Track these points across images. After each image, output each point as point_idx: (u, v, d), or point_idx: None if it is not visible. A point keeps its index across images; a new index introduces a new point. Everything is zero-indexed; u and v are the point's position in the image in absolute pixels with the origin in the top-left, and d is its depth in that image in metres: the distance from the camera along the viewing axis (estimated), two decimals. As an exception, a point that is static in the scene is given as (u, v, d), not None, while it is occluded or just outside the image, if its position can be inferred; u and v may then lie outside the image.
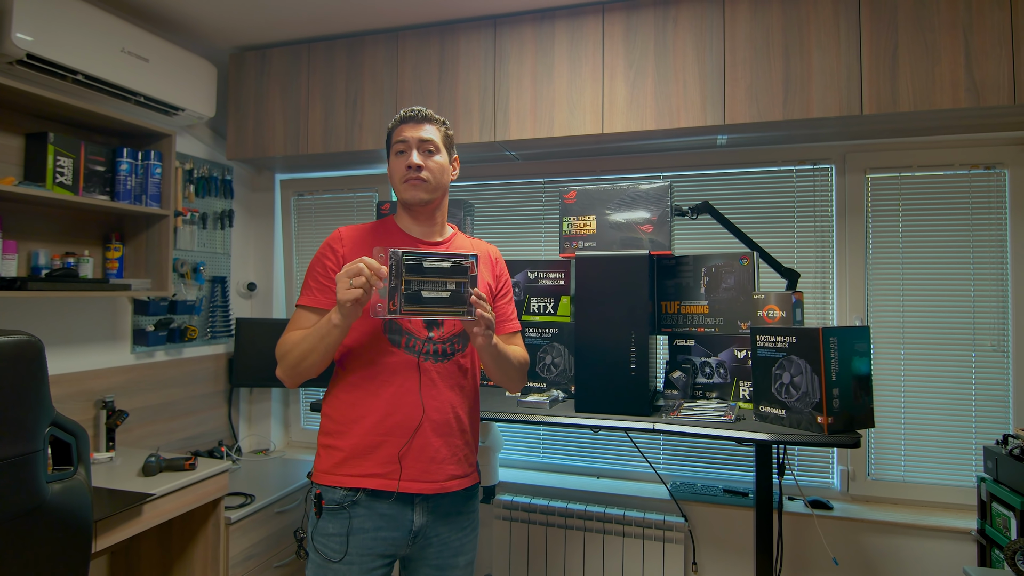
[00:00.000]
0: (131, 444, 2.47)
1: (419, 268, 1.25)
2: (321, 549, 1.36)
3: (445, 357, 1.41)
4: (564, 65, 2.38)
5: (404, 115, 1.47)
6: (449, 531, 1.43)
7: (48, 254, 2.17)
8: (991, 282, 2.33)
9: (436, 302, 1.26)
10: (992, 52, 1.95)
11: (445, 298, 1.26)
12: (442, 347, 1.41)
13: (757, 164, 2.57)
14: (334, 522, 1.35)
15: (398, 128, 1.46)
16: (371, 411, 1.37)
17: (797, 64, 2.13)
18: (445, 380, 1.41)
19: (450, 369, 1.42)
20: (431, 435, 1.38)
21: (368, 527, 1.35)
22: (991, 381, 2.32)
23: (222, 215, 2.98)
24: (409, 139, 1.44)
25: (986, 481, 2.04)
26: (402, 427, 1.36)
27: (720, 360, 2.13)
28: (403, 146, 1.44)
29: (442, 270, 1.26)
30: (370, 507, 1.35)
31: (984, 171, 2.34)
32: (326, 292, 1.40)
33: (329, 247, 1.44)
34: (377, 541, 1.35)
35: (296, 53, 2.75)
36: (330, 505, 1.36)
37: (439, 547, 1.42)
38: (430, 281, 1.25)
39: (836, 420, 1.67)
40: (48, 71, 2.05)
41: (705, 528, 2.46)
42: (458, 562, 1.44)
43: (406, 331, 1.39)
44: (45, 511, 1.34)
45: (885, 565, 2.28)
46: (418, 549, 1.41)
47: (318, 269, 1.43)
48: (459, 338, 1.45)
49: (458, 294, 1.26)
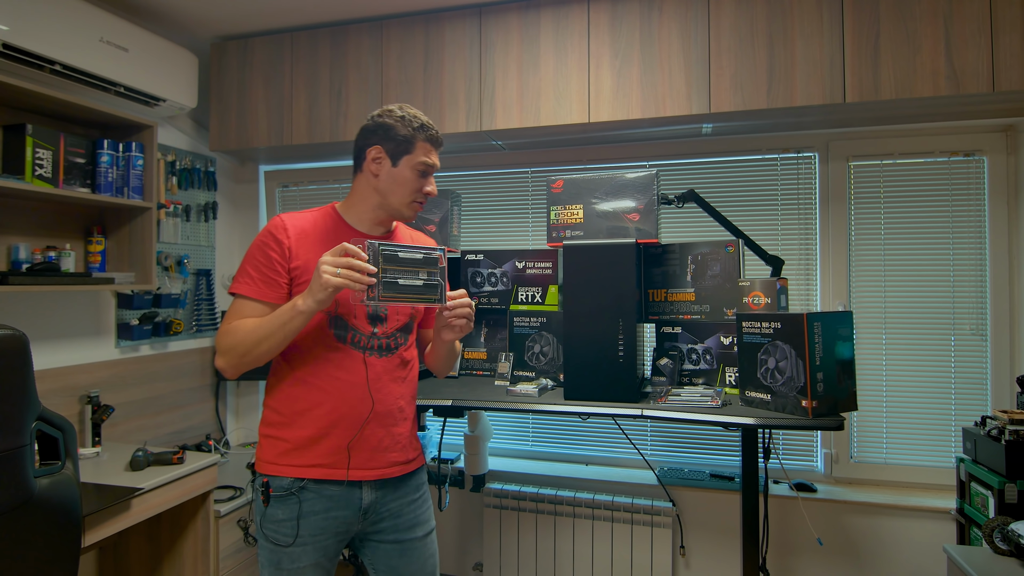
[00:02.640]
0: (117, 439, 2.45)
1: (395, 259, 1.32)
2: (271, 535, 1.37)
3: (389, 351, 1.45)
4: (550, 54, 2.38)
5: (436, 137, 1.48)
6: (400, 505, 1.46)
7: (29, 248, 2.13)
8: (970, 267, 2.37)
9: (411, 290, 1.33)
10: (972, 40, 1.98)
11: (419, 286, 1.35)
12: (386, 342, 1.44)
13: (742, 152, 2.59)
14: (283, 508, 1.37)
15: (427, 148, 1.45)
16: (317, 404, 1.38)
17: (781, 53, 2.14)
18: (389, 373, 1.44)
19: (394, 362, 1.46)
20: (376, 426, 1.41)
21: (318, 509, 1.38)
22: (970, 364, 2.37)
23: (206, 207, 2.95)
24: (435, 166, 1.48)
25: (965, 462, 2.09)
26: (348, 419, 1.39)
27: (707, 347, 2.15)
28: (429, 170, 1.47)
29: (415, 260, 1.34)
30: (318, 491, 1.38)
31: (964, 158, 2.38)
32: (271, 284, 1.37)
33: (272, 237, 1.39)
34: (329, 520, 1.38)
35: (279, 42, 2.72)
36: (278, 492, 1.37)
37: (392, 520, 1.46)
38: (405, 270, 1.33)
39: (820, 404, 1.70)
40: (25, 61, 2.01)
41: (692, 512, 2.50)
42: (416, 533, 1.48)
43: (351, 327, 1.41)
44: (34, 506, 1.33)
45: (868, 545, 2.34)
46: (371, 524, 1.44)
47: (261, 259, 1.38)
48: (401, 332, 1.48)
49: (430, 283, 1.36)
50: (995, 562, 1.71)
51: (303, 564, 1.36)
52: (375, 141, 1.43)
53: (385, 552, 1.46)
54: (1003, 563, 1.70)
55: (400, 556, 1.46)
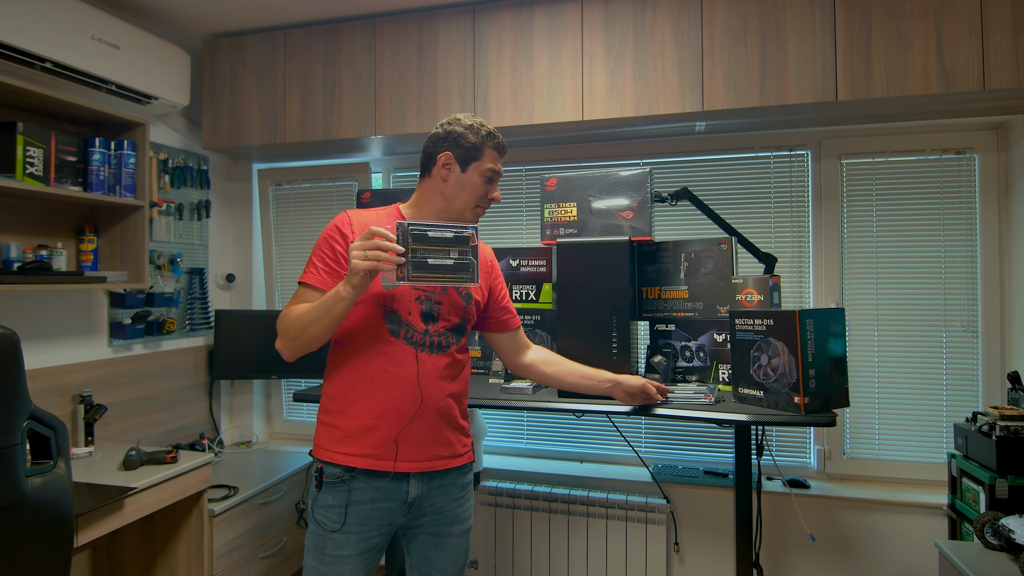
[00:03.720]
0: (110, 439, 2.44)
1: (424, 238, 1.30)
2: (321, 520, 1.42)
3: (440, 349, 1.48)
4: (543, 52, 2.38)
5: (502, 145, 1.54)
6: (443, 501, 1.50)
7: (20, 247, 2.12)
8: (961, 264, 2.39)
9: (441, 269, 1.32)
10: (962, 39, 1.99)
11: (449, 265, 1.32)
12: (438, 340, 1.48)
13: (735, 151, 2.60)
14: (334, 494, 1.42)
15: (494, 156, 1.52)
16: (368, 395, 1.42)
17: (773, 51, 2.15)
18: (440, 371, 1.47)
19: (445, 360, 1.49)
20: (425, 421, 1.45)
21: (366, 499, 1.42)
22: (961, 361, 2.39)
23: (199, 206, 2.94)
24: (500, 172, 1.54)
25: (956, 457, 2.10)
26: (398, 412, 1.42)
27: (700, 344, 2.16)
28: (495, 176, 1.53)
29: (445, 239, 1.32)
30: (368, 482, 1.42)
31: (955, 156, 2.39)
32: (333, 275, 1.43)
33: (338, 230, 1.46)
34: (375, 511, 1.42)
35: (272, 40, 2.71)
36: (330, 479, 1.43)
37: (434, 516, 1.50)
38: (435, 250, 1.31)
39: (812, 400, 1.71)
40: (16, 59, 2.00)
41: (686, 509, 2.51)
42: (454, 530, 1.52)
43: (405, 323, 1.45)
44: (25, 505, 1.32)
45: (860, 540, 2.35)
46: (414, 518, 1.49)
47: (326, 251, 1.45)
48: (453, 332, 1.51)
49: (461, 262, 1.33)
50: (986, 557, 1.73)
51: (346, 553, 1.40)
52: (445, 148, 1.50)
53: (422, 542, 1.51)
54: (994, 558, 1.72)
55: (435, 548, 1.51)
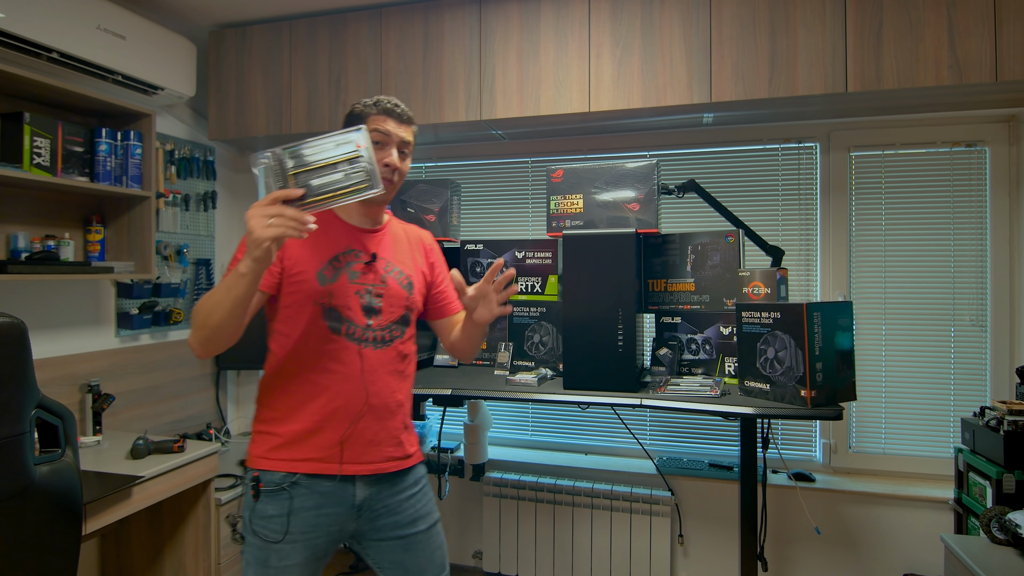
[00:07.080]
0: (118, 428, 2.46)
1: (303, 160, 1.16)
2: (260, 531, 1.33)
3: (384, 344, 1.41)
4: (550, 42, 2.36)
5: (389, 107, 1.41)
6: (397, 501, 1.43)
7: (28, 237, 2.13)
8: (971, 258, 2.37)
9: (333, 187, 1.17)
10: (975, 30, 1.96)
11: (340, 179, 1.17)
12: (381, 334, 1.41)
13: (743, 142, 2.58)
14: (273, 503, 1.33)
15: (380, 118, 1.40)
16: (311, 397, 1.36)
17: (783, 41, 2.13)
18: (385, 366, 1.41)
19: (390, 355, 1.42)
20: (371, 420, 1.38)
21: (310, 505, 1.34)
22: (969, 355, 2.37)
23: (205, 196, 2.94)
24: (392, 134, 1.40)
25: (963, 452, 2.09)
26: (343, 412, 1.36)
27: (706, 336, 2.15)
28: (383, 139, 1.40)
29: (327, 154, 1.17)
30: (310, 487, 1.35)
31: (966, 148, 2.37)
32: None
33: None
34: (321, 517, 1.35)
35: (277, 30, 2.70)
36: (268, 487, 1.34)
37: (390, 518, 1.42)
38: (319, 170, 1.16)
39: (819, 394, 1.70)
40: (22, 49, 2.00)
41: (691, 501, 2.51)
42: (418, 527, 1.44)
43: (346, 319, 1.37)
44: (34, 493, 1.34)
45: (866, 534, 2.35)
46: (369, 522, 1.41)
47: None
48: (397, 325, 1.44)
49: (354, 171, 1.18)
50: (992, 551, 1.72)
51: (291, 562, 1.32)
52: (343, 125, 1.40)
53: (389, 549, 1.42)
54: (1000, 552, 1.71)
55: (405, 551, 1.42)
